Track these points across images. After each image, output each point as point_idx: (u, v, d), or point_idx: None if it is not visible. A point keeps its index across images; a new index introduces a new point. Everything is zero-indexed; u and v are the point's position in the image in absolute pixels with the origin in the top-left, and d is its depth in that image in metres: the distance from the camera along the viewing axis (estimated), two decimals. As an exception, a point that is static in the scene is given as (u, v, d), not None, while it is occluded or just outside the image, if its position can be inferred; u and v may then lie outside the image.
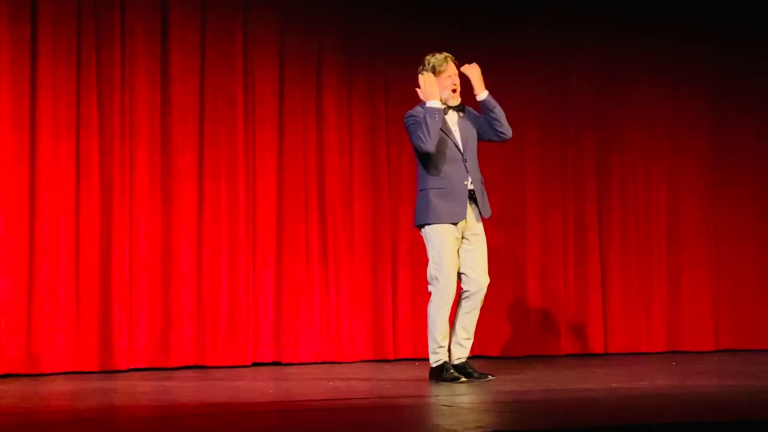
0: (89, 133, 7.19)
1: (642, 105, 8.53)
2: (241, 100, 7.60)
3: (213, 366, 7.36)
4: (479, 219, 6.21)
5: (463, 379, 6.07)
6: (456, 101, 6.22)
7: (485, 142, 6.34)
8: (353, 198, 7.87)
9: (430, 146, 6.07)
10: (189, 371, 7.19)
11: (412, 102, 6.33)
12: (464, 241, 6.17)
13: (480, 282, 6.18)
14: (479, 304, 6.20)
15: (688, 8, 8.53)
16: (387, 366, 7.47)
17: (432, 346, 6.15)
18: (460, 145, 6.18)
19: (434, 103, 6.09)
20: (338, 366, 7.50)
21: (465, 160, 6.17)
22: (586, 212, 8.36)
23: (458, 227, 6.14)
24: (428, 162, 6.15)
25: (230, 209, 7.52)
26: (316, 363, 7.60)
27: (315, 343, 7.66)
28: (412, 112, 6.19)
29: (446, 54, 6.23)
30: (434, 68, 6.19)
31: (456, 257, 6.14)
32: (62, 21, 7.17)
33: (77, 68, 7.20)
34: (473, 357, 6.29)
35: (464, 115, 6.28)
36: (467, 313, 6.19)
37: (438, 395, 5.54)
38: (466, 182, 6.16)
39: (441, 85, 6.19)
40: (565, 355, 8.11)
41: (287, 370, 7.22)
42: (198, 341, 7.39)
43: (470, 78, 6.23)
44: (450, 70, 6.21)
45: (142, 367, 7.22)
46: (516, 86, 8.25)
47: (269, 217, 7.65)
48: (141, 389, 6.16)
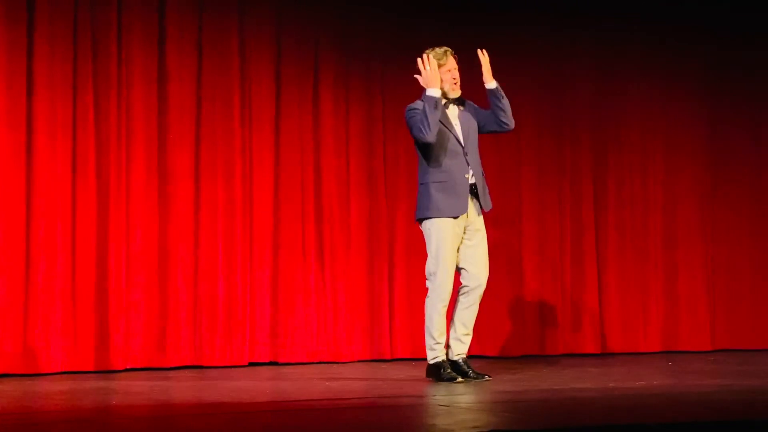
0: (86, 133, 7.18)
1: (639, 104, 8.53)
2: (238, 100, 7.59)
3: (210, 366, 7.34)
4: (480, 213, 6.21)
5: (460, 379, 6.07)
6: (456, 94, 6.22)
7: (483, 140, 6.33)
8: (350, 197, 7.86)
9: (430, 137, 6.06)
10: (186, 371, 7.18)
11: (409, 101, 6.32)
12: (465, 236, 6.16)
13: (479, 278, 6.18)
14: (478, 300, 6.20)
15: (685, 8, 8.53)
16: (384, 366, 7.46)
17: (429, 342, 6.14)
18: (461, 139, 6.17)
19: (434, 92, 6.05)
20: (335, 366, 7.49)
21: (466, 153, 6.16)
22: (583, 212, 8.35)
23: (459, 221, 6.14)
24: (429, 155, 6.15)
25: (227, 209, 7.51)
26: (313, 363, 7.58)
27: (312, 343, 7.66)
28: (413, 105, 6.18)
29: (446, 48, 6.22)
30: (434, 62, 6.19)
31: (455, 253, 6.13)
32: (59, 21, 7.16)
33: (74, 68, 7.19)
34: (470, 356, 6.28)
35: (465, 108, 6.27)
36: (466, 309, 6.19)
37: (435, 395, 5.54)
38: (467, 176, 6.16)
39: (441, 79, 6.18)
40: (562, 355, 8.11)
41: (284, 370, 7.21)
42: (195, 341, 7.38)
43: (482, 65, 6.20)
44: (450, 64, 6.20)
45: (139, 367, 7.20)
46: (513, 86, 8.17)
47: (266, 217, 7.64)
48: (137, 389, 6.15)
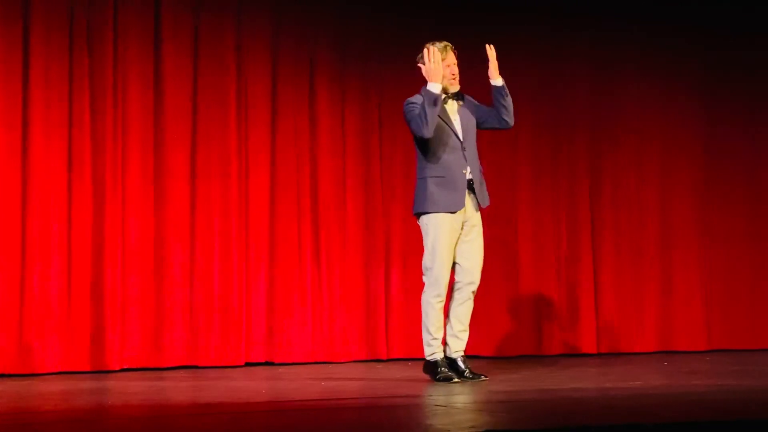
0: (82, 133, 7.18)
1: (635, 104, 8.53)
2: (234, 100, 7.59)
3: (205, 366, 7.35)
4: (477, 209, 6.21)
5: (456, 380, 6.07)
6: (455, 88, 6.20)
7: (480, 139, 6.33)
8: (346, 198, 7.86)
9: (427, 132, 6.05)
10: (181, 371, 7.18)
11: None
12: (462, 232, 6.16)
13: (473, 273, 6.18)
14: (472, 296, 6.20)
15: (682, 9, 8.53)
16: (380, 366, 7.46)
17: (426, 338, 6.14)
18: (460, 134, 6.17)
19: (435, 87, 6.01)
20: (331, 366, 7.49)
21: (464, 149, 6.15)
22: (579, 211, 8.35)
23: (457, 216, 6.13)
24: (427, 150, 6.14)
25: (223, 209, 7.50)
26: (309, 363, 7.58)
27: (308, 343, 7.66)
28: (412, 100, 6.17)
29: (446, 42, 6.19)
30: None
31: (451, 249, 6.13)
32: (54, 20, 7.16)
33: (69, 67, 7.18)
34: (466, 356, 6.27)
35: (464, 104, 6.26)
36: (461, 305, 6.19)
37: (431, 395, 5.53)
38: (465, 171, 6.15)
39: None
40: (558, 355, 8.11)
41: (280, 370, 7.21)
42: (190, 341, 7.38)
43: (489, 60, 6.19)
44: (450, 59, 6.18)
45: (135, 367, 7.20)
46: (509, 85, 8.17)
47: (262, 217, 7.64)
48: (133, 389, 6.15)
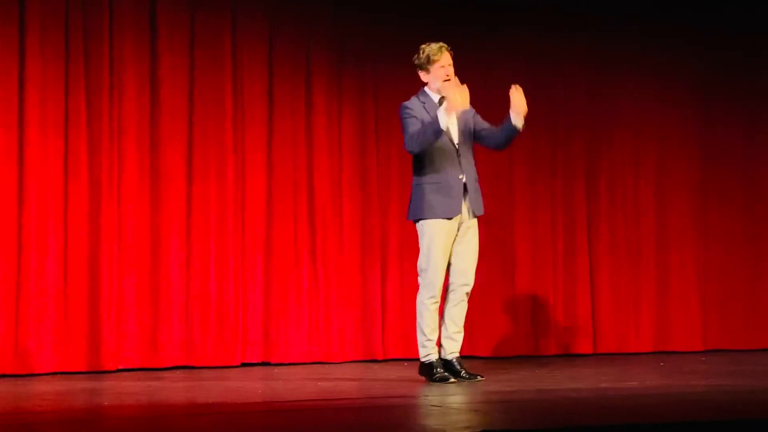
0: (78, 133, 7.17)
1: (632, 105, 8.52)
2: (230, 100, 7.58)
3: (201, 366, 7.33)
4: (473, 215, 6.21)
5: (452, 380, 6.07)
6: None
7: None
8: (342, 197, 7.85)
9: (416, 152, 6.09)
10: (177, 371, 7.17)
11: (401, 101, 6.31)
12: (457, 234, 6.16)
13: (466, 275, 6.18)
14: (466, 298, 6.20)
15: (679, 9, 8.53)
16: (376, 366, 7.46)
17: (421, 339, 6.14)
18: (456, 141, 6.16)
19: (443, 122, 5.96)
20: (327, 366, 7.48)
21: (459, 155, 6.15)
22: (575, 212, 8.35)
23: (453, 221, 6.14)
24: (423, 156, 6.15)
25: (219, 208, 7.50)
26: (305, 363, 7.57)
27: (304, 343, 7.65)
28: (408, 104, 6.17)
29: (442, 43, 6.18)
30: (428, 57, 6.16)
31: (447, 251, 6.13)
32: (50, 20, 7.14)
33: (65, 67, 7.17)
34: (462, 357, 6.27)
35: (463, 112, 6.25)
36: (455, 306, 6.19)
37: (427, 395, 5.54)
38: (461, 177, 6.15)
39: (434, 75, 6.17)
40: (554, 356, 8.10)
41: (276, 371, 7.20)
42: (187, 341, 7.37)
43: (514, 102, 6.10)
44: (444, 60, 6.17)
45: (131, 368, 7.19)
46: (505, 86, 8.21)
47: (258, 217, 7.63)
48: (129, 389, 6.15)
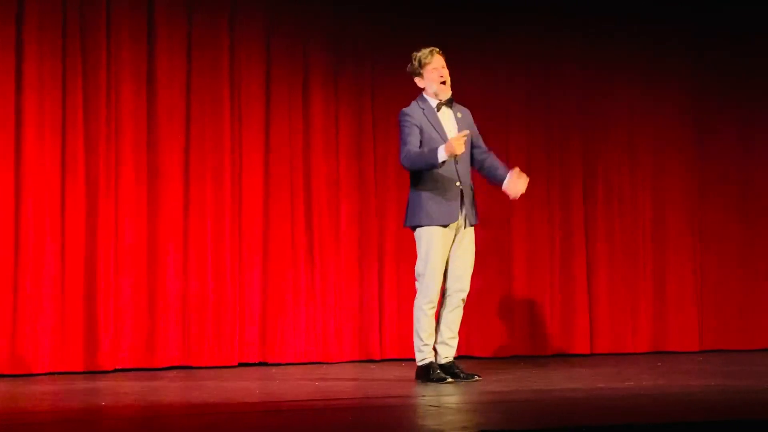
0: (75, 133, 7.17)
1: (627, 106, 8.53)
2: (228, 101, 7.58)
3: (199, 366, 7.34)
4: (468, 223, 6.21)
5: (450, 380, 6.07)
6: (446, 94, 6.19)
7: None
8: (339, 198, 7.86)
9: (407, 169, 6.16)
10: (175, 372, 7.17)
11: (399, 102, 6.31)
12: (455, 240, 6.16)
13: (462, 281, 6.18)
14: (461, 304, 6.20)
15: (675, 10, 8.54)
16: (373, 366, 7.46)
17: (417, 344, 6.15)
18: None
19: (442, 157, 5.96)
20: (324, 366, 7.49)
21: (457, 162, 6.15)
22: (572, 213, 8.35)
23: (451, 228, 6.14)
24: None
25: (216, 209, 7.50)
26: (303, 363, 7.58)
27: (301, 344, 7.65)
28: (408, 111, 6.16)
29: (432, 48, 6.20)
30: (420, 62, 6.19)
31: (444, 257, 6.13)
32: (48, 21, 7.15)
33: (63, 67, 7.17)
34: (459, 357, 6.29)
35: (463, 116, 6.24)
36: (450, 312, 6.19)
37: (424, 395, 5.54)
38: (458, 183, 6.15)
39: (428, 78, 6.18)
40: (551, 356, 8.11)
41: (273, 371, 7.21)
42: (184, 342, 7.37)
43: (512, 186, 6.20)
44: (436, 63, 6.18)
45: (128, 368, 7.19)
46: (502, 86, 8.26)
47: (255, 218, 7.64)
48: (126, 390, 6.15)
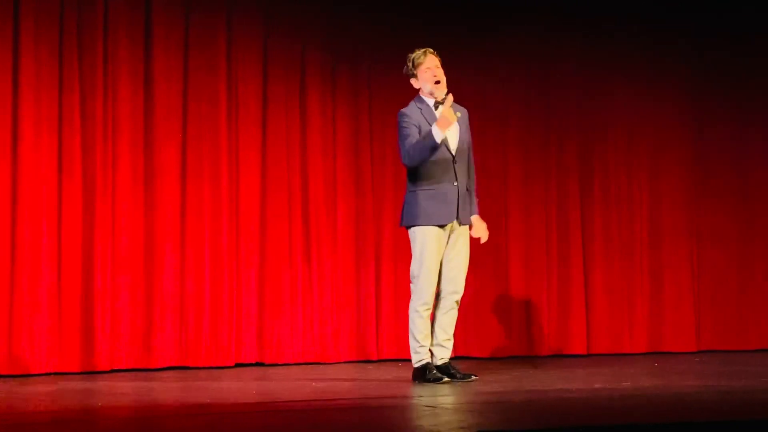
0: (72, 133, 7.17)
1: (624, 106, 8.54)
2: (225, 100, 7.58)
3: (196, 367, 7.33)
4: (466, 222, 6.21)
5: (446, 380, 6.07)
6: (442, 92, 6.18)
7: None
8: (337, 198, 7.86)
9: (413, 167, 6.11)
10: (171, 372, 7.17)
11: (397, 101, 6.31)
12: (449, 242, 6.17)
13: (456, 282, 6.18)
14: (456, 306, 6.20)
15: (673, 10, 8.54)
16: (370, 367, 7.46)
17: (413, 345, 6.14)
18: (452, 149, 6.14)
19: (438, 135, 5.98)
20: (321, 367, 7.49)
21: (455, 162, 6.15)
22: (569, 213, 8.36)
23: (445, 229, 6.14)
24: None
25: (213, 209, 7.49)
26: (300, 364, 7.58)
27: (298, 344, 7.65)
28: (406, 112, 6.16)
29: (426, 48, 6.20)
30: (414, 63, 6.19)
31: (439, 259, 6.13)
32: (45, 20, 7.14)
33: (59, 67, 7.17)
34: (456, 357, 6.30)
35: (461, 117, 6.24)
36: (444, 314, 6.19)
37: (421, 396, 5.54)
38: (456, 184, 6.15)
39: (422, 79, 6.18)
40: (548, 356, 8.12)
41: (270, 371, 7.21)
42: (180, 342, 7.37)
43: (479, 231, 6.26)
44: (429, 62, 6.17)
45: (125, 368, 7.19)
46: (499, 86, 8.27)
47: (252, 218, 7.63)
48: (123, 390, 6.15)
